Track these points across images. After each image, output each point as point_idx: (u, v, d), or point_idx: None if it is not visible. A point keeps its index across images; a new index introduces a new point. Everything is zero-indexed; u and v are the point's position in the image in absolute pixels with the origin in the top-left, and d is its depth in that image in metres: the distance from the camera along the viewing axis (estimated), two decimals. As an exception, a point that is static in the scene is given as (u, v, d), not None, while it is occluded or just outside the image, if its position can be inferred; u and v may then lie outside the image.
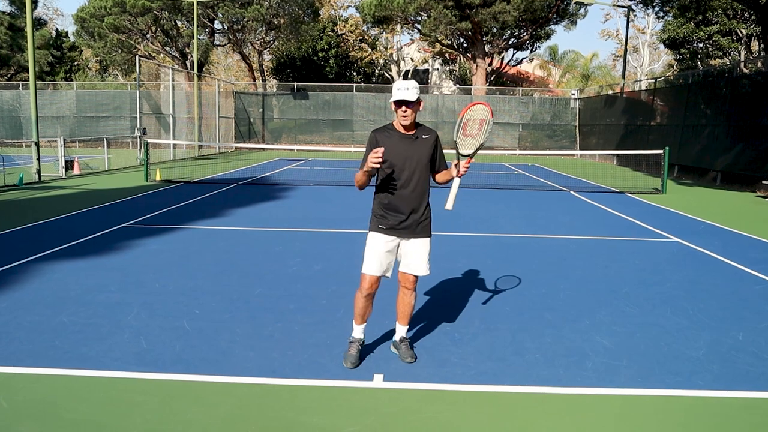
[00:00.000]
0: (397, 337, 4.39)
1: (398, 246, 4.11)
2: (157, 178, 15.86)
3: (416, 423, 3.42)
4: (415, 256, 4.11)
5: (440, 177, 4.18)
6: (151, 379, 3.92)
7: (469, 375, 4.06)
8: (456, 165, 3.96)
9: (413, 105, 3.88)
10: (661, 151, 15.88)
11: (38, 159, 15.36)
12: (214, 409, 3.53)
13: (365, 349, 4.38)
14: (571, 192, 15.21)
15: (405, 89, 3.85)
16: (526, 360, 4.34)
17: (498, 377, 4.04)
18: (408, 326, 4.37)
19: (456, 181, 3.98)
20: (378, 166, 3.77)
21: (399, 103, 3.89)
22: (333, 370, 4.07)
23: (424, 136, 4.04)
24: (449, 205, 4.00)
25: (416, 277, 4.19)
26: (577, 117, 33.87)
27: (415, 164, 3.99)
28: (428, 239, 4.16)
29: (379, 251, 4.04)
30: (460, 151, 4.03)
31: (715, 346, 4.68)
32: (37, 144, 15.46)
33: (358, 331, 4.23)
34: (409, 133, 4.02)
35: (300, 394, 3.75)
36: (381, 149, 3.73)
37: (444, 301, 5.72)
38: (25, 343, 4.47)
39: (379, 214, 4.08)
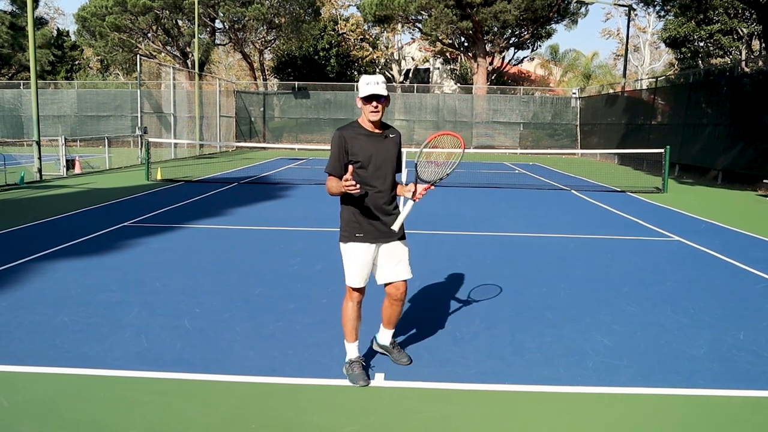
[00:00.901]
0: (385, 341, 4.24)
1: (376, 253, 3.89)
2: (158, 177, 15.88)
3: (417, 422, 3.42)
4: (399, 261, 3.94)
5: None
6: (151, 378, 3.92)
7: (470, 374, 4.06)
8: (414, 191, 3.74)
9: (384, 100, 3.71)
10: (662, 150, 15.87)
11: (39, 158, 15.38)
12: (215, 408, 3.53)
13: (366, 347, 4.39)
14: (572, 191, 15.20)
15: (375, 83, 3.66)
16: (526, 359, 4.34)
17: (498, 376, 4.04)
18: (394, 329, 4.25)
19: (410, 204, 3.70)
20: (356, 192, 3.58)
21: (369, 99, 3.68)
22: (333, 370, 4.07)
23: (390, 135, 3.86)
24: (396, 226, 3.75)
25: (406, 282, 4.01)
26: (578, 116, 33.85)
27: (387, 164, 3.81)
28: (405, 240, 4.01)
29: (360, 262, 3.84)
30: (421, 176, 3.81)
31: (716, 344, 4.68)
32: (38, 143, 15.47)
33: (354, 350, 3.98)
34: (378, 131, 3.81)
35: (300, 394, 3.75)
36: (351, 180, 3.49)
37: (444, 301, 5.72)
38: (25, 343, 4.47)
39: (354, 221, 3.83)
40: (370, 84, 3.67)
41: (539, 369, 4.16)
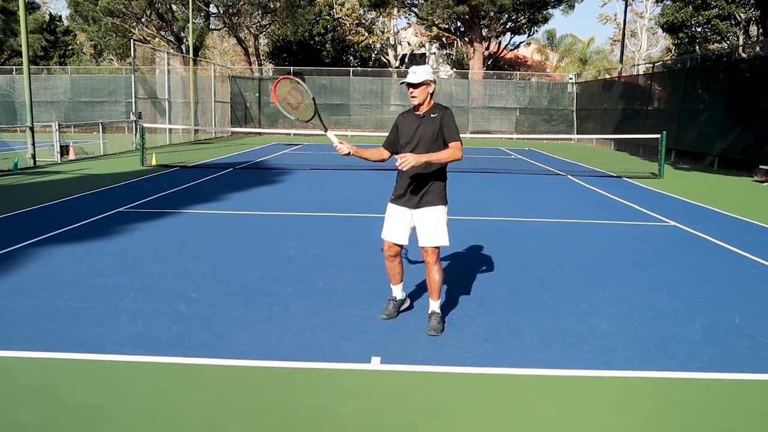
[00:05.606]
0: (429, 311, 4.58)
1: (411, 217, 4.46)
2: (153, 163, 15.79)
3: (413, 405, 3.43)
4: (422, 228, 4.43)
5: (439, 153, 4.26)
6: (148, 362, 3.91)
7: (467, 357, 4.07)
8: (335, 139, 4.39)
9: (417, 87, 4.25)
10: (658, 136, 15.84)
11: (33, 144, 15.27)
12: (211, 391, 3.53)
13: (362, 331, 4.43)
14: (568, 176, 15.20)
15: (412, 73, 4.26)
16: (523, 342, 4.35)
17: (495, 359, 4.05)
18: (439, 300, 4.56)
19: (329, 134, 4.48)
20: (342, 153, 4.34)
21: (408, 86, 4.32)
22: (330, 353, 4.08)
23: (432, 115, 4.34)
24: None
25: (433, 248, 4.43)
26: (575, 101, 33.77)
27: (417, 141, 4.36)
28: (433, 208, 4.43)
29: (388, 218, 4.53)
30: (306, 120, 4.57)
31: (712, 329, 4.70)
32: (31, 129, 15.35)
33: (393, 291, 4.75)
34: (418, 113, 4.38)
35: (297, 377, 3.76)
36: (342, 147, 4.30)
37: (441, 285, 5.71)
38: (21, 328, 4.46)
39: (394, 186, 4.55)
40: (409, 74, 4.29)
41: (536, 352, 4.18)
